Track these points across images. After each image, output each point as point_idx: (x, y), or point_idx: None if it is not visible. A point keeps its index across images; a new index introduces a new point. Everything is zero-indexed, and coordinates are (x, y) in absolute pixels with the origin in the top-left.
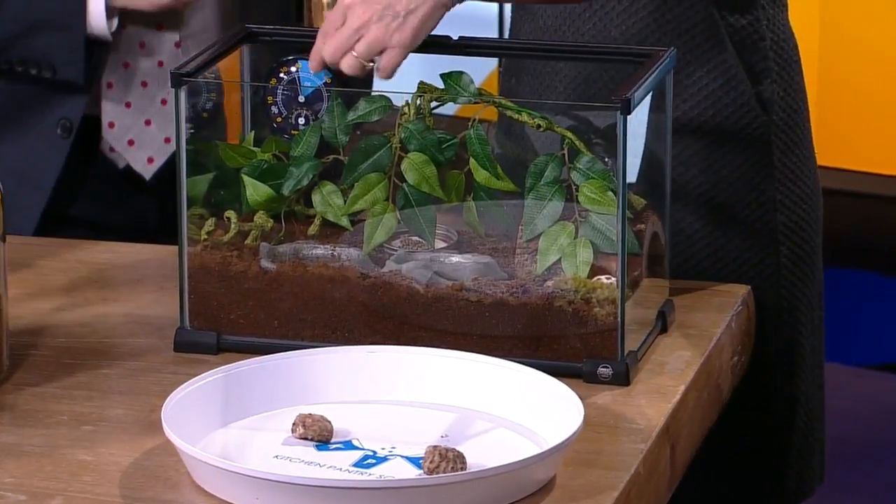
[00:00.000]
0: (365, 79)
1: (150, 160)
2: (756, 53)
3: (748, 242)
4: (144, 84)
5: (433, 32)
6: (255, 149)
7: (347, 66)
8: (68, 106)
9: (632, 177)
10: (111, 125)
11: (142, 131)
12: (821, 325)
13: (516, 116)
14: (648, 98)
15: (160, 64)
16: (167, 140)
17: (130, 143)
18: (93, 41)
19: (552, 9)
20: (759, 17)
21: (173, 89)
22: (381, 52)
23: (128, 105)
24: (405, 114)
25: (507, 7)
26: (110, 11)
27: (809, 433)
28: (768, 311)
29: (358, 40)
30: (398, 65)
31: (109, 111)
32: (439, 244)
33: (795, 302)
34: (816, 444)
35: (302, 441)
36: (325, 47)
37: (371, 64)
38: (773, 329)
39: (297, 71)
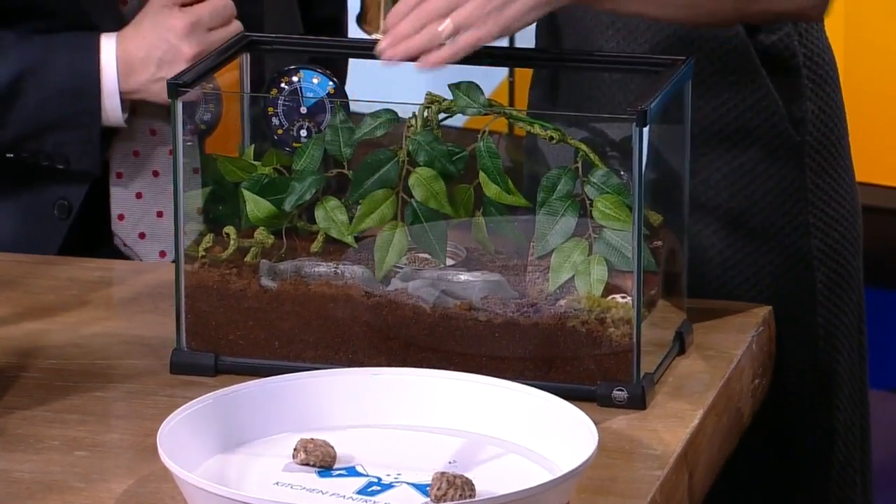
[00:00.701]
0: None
1: (163, 254)
2: (788, 72)
3: (781, 268)
4: (156, 173)
5: None
6: (255, 162)
7: (425, 38)
8: (68, 186)
9: (648, 191)
10: (121, 217)
11: (154, 224)
12: (862, 352)
13: (528, 128)
14: (666, 109)
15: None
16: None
17: (141, 235)
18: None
19: (573, 28)
20: (790, 33)
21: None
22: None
23: (138, 196)
24: (412, 126)
25: None
26: (124, 104)
27: (849, 464)
28: (803, 338)
29: (448, 14)
30: (471, 49)
31: (119, 202)
32: (447, 262)
33: (832, 329)
34: (857, 474)
35: (303, 467)
36: (408, 18)
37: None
38: (809, 358)
39: (299, 81)
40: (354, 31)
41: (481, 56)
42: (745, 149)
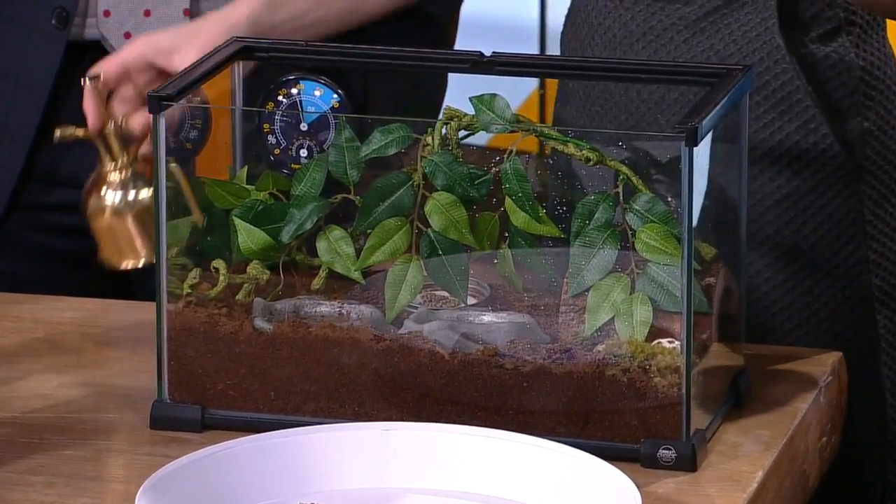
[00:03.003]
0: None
1: None
2: (840, 88)
3: (838, 311)
4: None
5: (460, 47)
6: (248, 186)
7: None
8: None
9: (700, 221)
10: (107, 13)
11: (140, 22)
12: None
13: (561, 147)
14: (721, 126)
15: None
16: None
17: (127, 35)
18: None
19: (601, 38)
20: (844, 43)
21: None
22: None
23: None
24: (428, 145)
25: (550, 18)
26: None
27: None
28: (865, 389)
29: None
30: None
31: None
32: (468, 300)
33: None
34: None
35: None
36: None
37: None
38: (877, 412)
39: (298, 93)
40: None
41: (507, 65)
42: (794, 175)
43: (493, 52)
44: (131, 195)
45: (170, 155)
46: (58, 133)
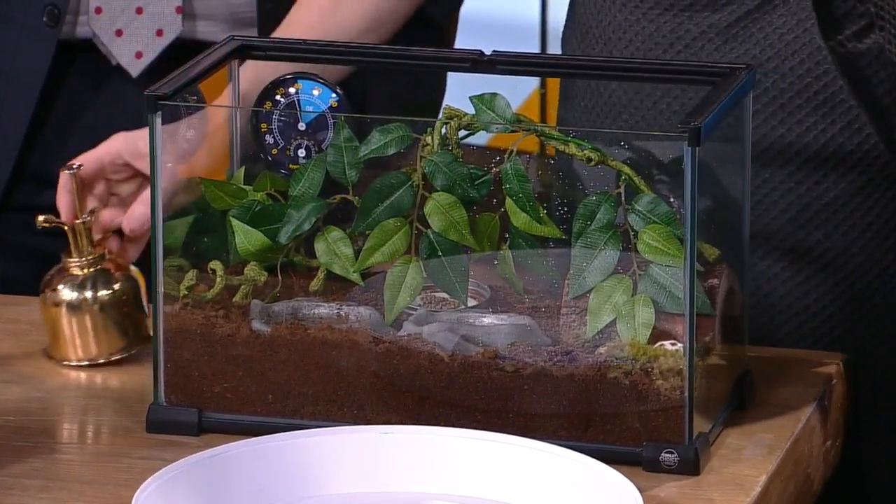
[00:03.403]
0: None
1: (139, 55)
2: (880, 86)
3: (862, 316)
4: None
5: (460, 46)
6: (245, 187)
7: None
8: None
9: (702, 221)
10: (98, 10)
11: (132, 20)
12: None
13: (562, 147)
14: (724, 125)
15: None
16: (159, 33)
17: (118, 33)
18: None
19: (621, 52)
20: (878, 39)
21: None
22: None
23: None
24: (428, 144)
25: (552, 17)
26: None
27: None
28: (882, 396)
29: None
30: None
31: None
32: (469, 302)
33: None
34: None
35: None
36: None
37: None
38: (889, 419)
39: (296, 92)
40: None
41: (508, 64)
42: (840, 178)
43: (494, 52)
44: (89, 294)
45: (167, 155)
46: (40, 219)
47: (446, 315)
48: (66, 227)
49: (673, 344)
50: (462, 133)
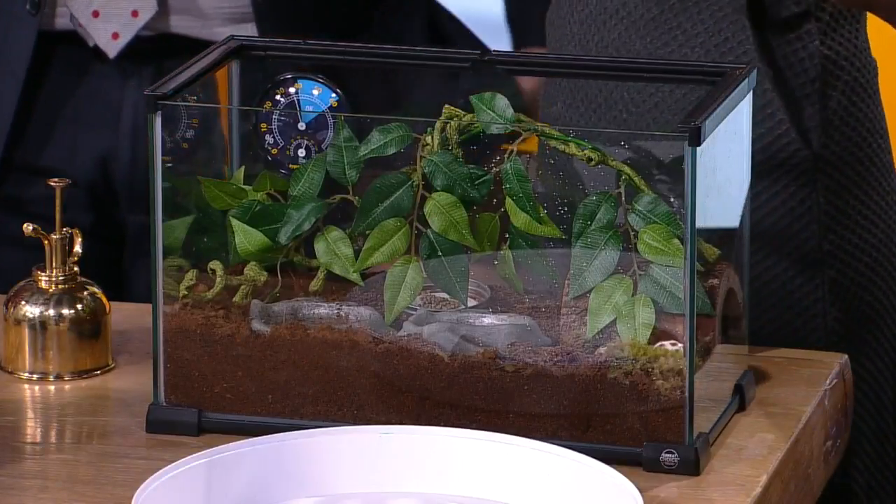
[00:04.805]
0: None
1: (116, 35)
2: (801, 75)
3: (789, 300)
4: None
5: (461, 47)
6: (245, 187)
7: None
8: None
9: (702, 221)
10: None
11: (108, 1)
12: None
13: (562, 147)
14: (723, 125)
15: None
16: (134, 14)
17: (95, 14)
18: None
19: (578, 14)
20: (811, 30)
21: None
22: None
23: None
24: (428, 144)
25: None
26: None
27: None
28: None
29: None
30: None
31: None
32: (469, 302)
33: (857, 374)
34: None
35: None
36: None
37: None
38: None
39: (296, 92)
40: None
41: (508, 64)
42: (755, 166)
43: (494, 51)
44: (52, 311)
45: (166, 155)
46: (28, 228)
47: (446, 315)
48: (45, 241)
49: (673, 344)
50: (462, 133)
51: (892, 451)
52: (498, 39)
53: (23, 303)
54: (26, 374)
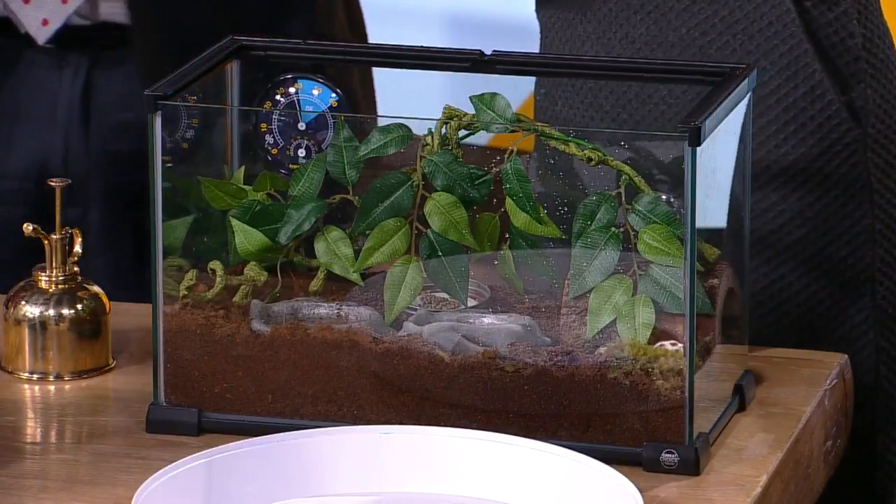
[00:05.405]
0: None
1: (45, 22)
2: (845, 54)
3: (839, 290)
4: None
5: (461, 46)
6: (245, 187)
7: None
8: None
9: (702, 221)
10: None
11: None
12: None
13: (562, 147)
14: (724, 125)
15: None
16: (64, 0)
17: (25, 0)
18: None
19: (595, 14)
20: (848, 10)
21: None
22: None
23: None
24: (428, 144)
25: None
26: None
27: None
28: (866, 383)
29: None
30: None
31: None
32: (469, 302)
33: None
34: None
35: None
36: None
37: None
38: (873, 407)
39: (296, 92)
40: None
41: (508, 64)
42: (800, 142)
43: (494, 51)
44: (52, 311)
45: (166, 155)
46: (28, 228)
47: (446, 315)
48: (45, 241)
49: (673, 344)
50: (462, 133)
51: None
52: (497, 40)
53: (23, 303)
54: (26, 374)
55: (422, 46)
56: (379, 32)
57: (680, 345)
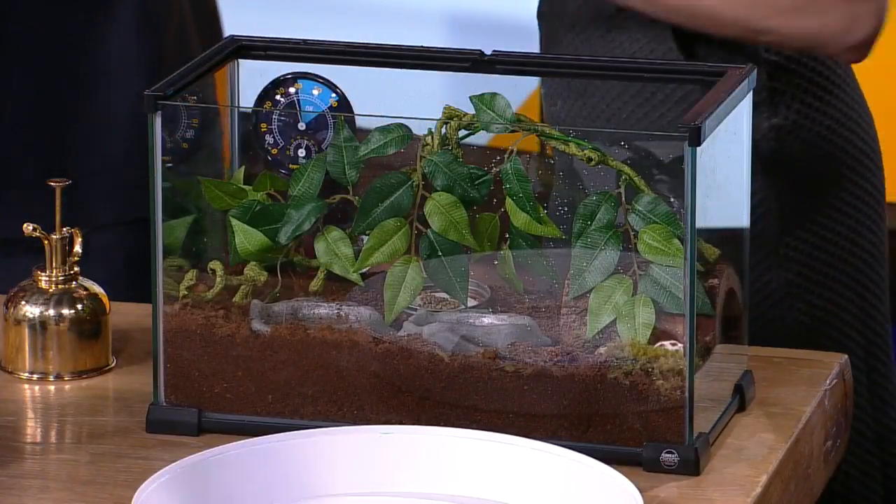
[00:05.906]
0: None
1: None
2: (783, 76)
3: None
4: None
5: (461, 46)
6: (245, 187)
7: None
8: None
9: (702, 221)
10: None
11: None
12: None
13: (562, 147)
14: (724, 125)
15: None
16: None
17: None
18: None
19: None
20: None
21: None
22: None
23: None
24: (428, 144)
25: None
26: None
27: None
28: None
29: None
30: None
31: None
32: (469, 302)
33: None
34: None
35: None
36: None
37: None
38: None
39: (296, 92)
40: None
41: (508, 64)
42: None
43: (494, 51)
44: (52, 311)
45: (166, 155)
46: (28, 228)
47: (446, 315)
48: (45, 241)
49: (673, 344)
50: (462, 133)
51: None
52: (497, 40)
53: (23, 303)
54: (26, 374)
55: (422, 46)
56: (379, 32)
57: (680, 345)
